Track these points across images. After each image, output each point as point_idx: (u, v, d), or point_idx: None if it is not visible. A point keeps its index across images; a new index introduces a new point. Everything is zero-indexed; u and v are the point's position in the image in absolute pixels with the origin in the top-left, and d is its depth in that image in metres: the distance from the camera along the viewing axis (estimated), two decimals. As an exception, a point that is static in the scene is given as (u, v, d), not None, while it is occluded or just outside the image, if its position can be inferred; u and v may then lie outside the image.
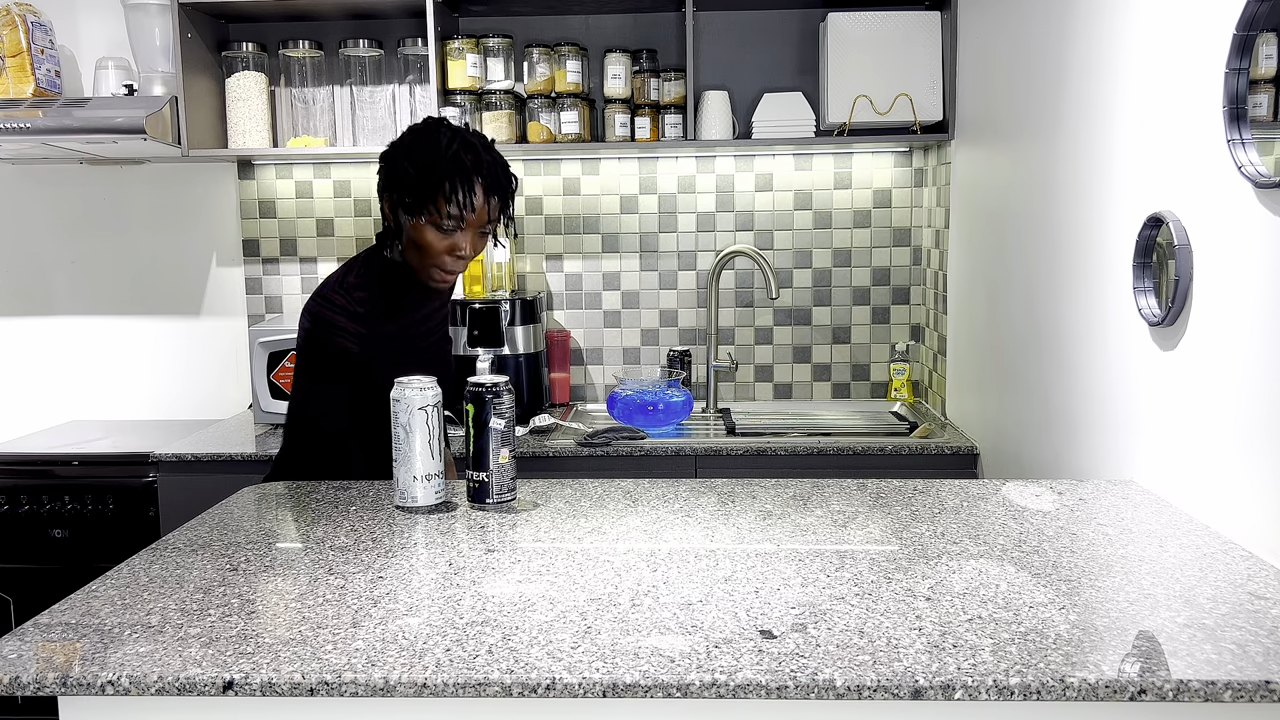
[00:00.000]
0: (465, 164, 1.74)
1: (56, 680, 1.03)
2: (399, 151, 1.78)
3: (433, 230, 1.76)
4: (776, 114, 2.88)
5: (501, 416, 1.57)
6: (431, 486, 1.59)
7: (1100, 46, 1.82)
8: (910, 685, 0.99)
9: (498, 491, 1.59)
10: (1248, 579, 1.24)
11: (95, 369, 3.22)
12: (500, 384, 1.58)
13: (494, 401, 1.57)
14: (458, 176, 1.73)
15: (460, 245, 1.78)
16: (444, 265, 1.80)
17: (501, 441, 1.57)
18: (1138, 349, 1.68)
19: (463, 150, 1.74)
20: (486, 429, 1.57)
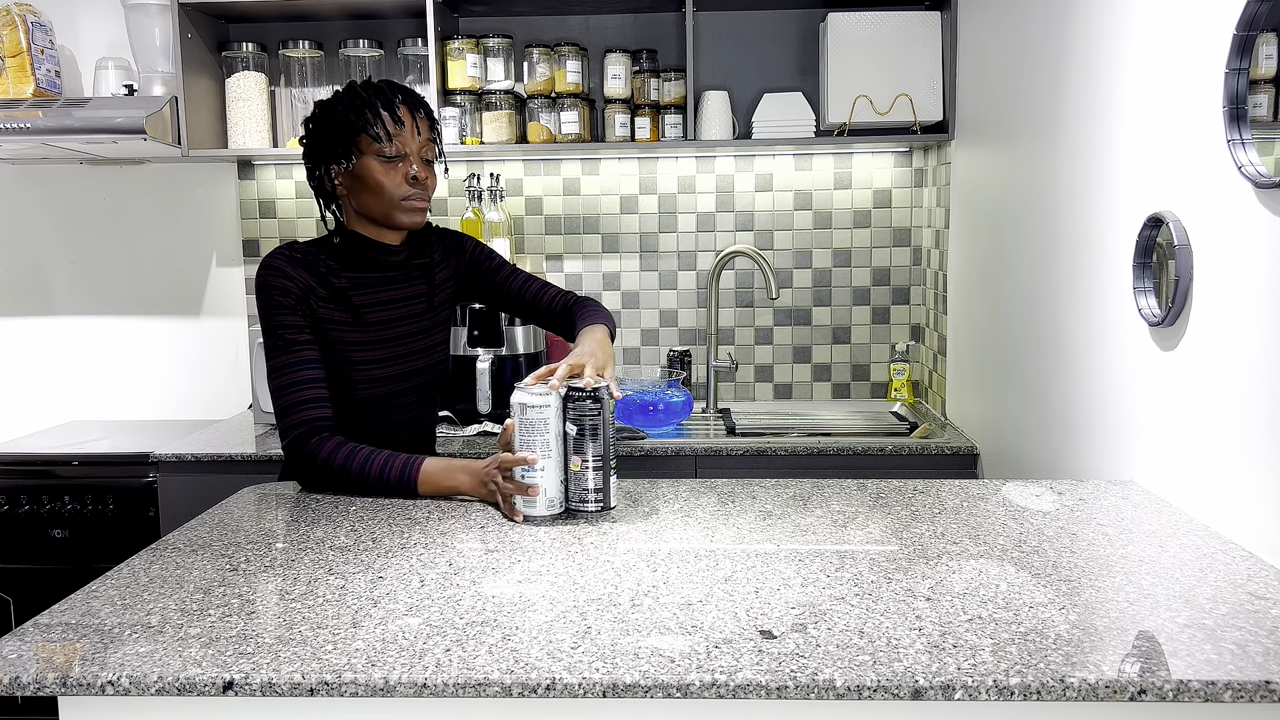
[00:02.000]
0: (379, 87, 1.80)
1: (56, 680, 1.03)
2: (316, 114, 1.83)
3: (377, 162, 1.76)
4: (776, 114, 2.88)
5: (576, 423, 1.52)
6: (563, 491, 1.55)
7: (1100, 46, 1.82)
8: (910, 685, 0.99)
9: (573, 499, 1.54)
10: (1248, 579, 1.24)
11: (95, 369, 3.23)
12: (578, 390, 1.53)
13: (571, 406, 1.53)
14: (375, 99, 1.77)
15: (409, 168, 1.78)
16: (405, 194, 1.77)
17: (574, 448, 1.53)
18: (1138, 349, 1.68)
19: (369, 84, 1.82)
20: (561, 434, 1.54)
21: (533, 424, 1.53)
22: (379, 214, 1.80)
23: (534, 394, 1.53)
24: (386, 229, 1.84)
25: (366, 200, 1.79)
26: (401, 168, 1.77)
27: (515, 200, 3.14)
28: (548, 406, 1.53)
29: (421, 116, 1.80)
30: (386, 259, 1.85)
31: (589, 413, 1.52)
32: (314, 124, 1.82)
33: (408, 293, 1.88)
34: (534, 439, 1.53)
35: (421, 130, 1.79)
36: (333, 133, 1.78)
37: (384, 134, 1.75)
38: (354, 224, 1.84)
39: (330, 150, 1.79)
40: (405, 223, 1.80)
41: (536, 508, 1.53)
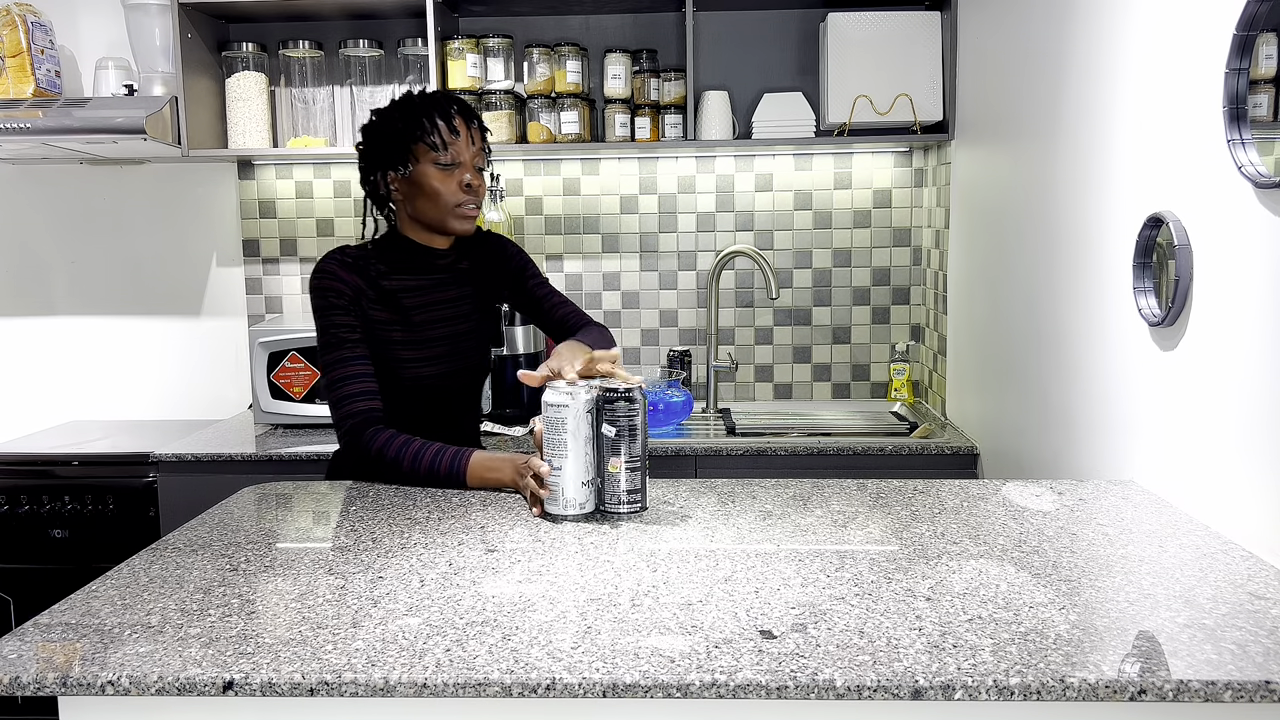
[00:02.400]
0: (436, 98, 1.87)
1: (56, 680, 1.03)
2: (374, 122, 1.89)
3: (433, 169, 1.83)
4: (776, 114, 2.88)
5: (613, 424, 1.50)
6: (590, 492, 1.54)
7: (1100, 46, 1.82)
8: (910, 685, 0.99)
9: (608, 501, 1.53)
10: (1248, 579, 1.24)
11: (95, 369, 3.23)
12: (615, 390, 1.51)
13: (606, 408, 1.51)
14: (433, 109, 1.84)
15: (464, 176, 1.85)
16: (460, 200, 1.85)
17: (612, 450, 1.51)
18: (1138, 349, 1.68)
19: (425, 95, 1.89)
20: (598, 435, 1.53)
21: (550, 422, 1.53)
22: (434, 220, 1.87)
23: (556, 391, 1.53)
24: (437, 234, 1.91)
25: (422, 206, 1.86)
26: (456, 175, 1.84)
27: (515, 200, 3.13)
28: (565, 405, 1.52)
29: (475, 127, 1.87)
30: (434, 262, 1.93)
31: (626, 413, 1.51)
32: (371, 131, 1.88)
33: (454, 295, 1.96)
34: (553, 436, 1.53)
35: (475, 140, 1.87)
36: (390, 140, 1.85)
37: (440, 143, 1.82)
38: (405, 228, 1.91)
39: (387, 156, 1.85)
40: (458, 229, 1.88)
41: (556, 506, 1.53)
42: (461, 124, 1.84)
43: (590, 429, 1.53)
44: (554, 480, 1.53)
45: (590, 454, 1.53)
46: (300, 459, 2.55)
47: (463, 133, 1.84)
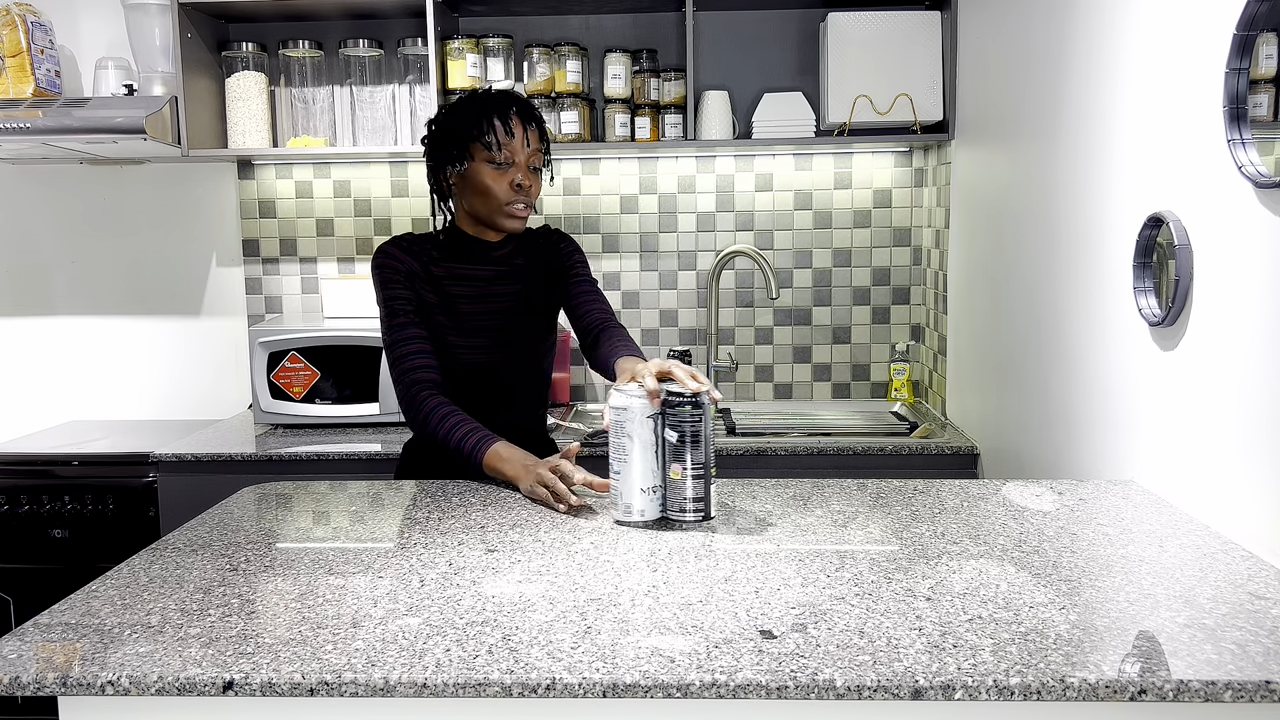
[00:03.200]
0: (495, 98, 1.91)
1: (56, 680, 1.03)
2: (438, 117, 1.95)
3: (487, 168, 1.88)
4: (776, 114, 2.88)
5: (676, 429, 1.47)
6: (654, 499, 1.50)
7: (1100, 46, 1.82)
8: (910, 685, 0.99)
9: (671, 508, 1.50)
10: (1248, 579, 1.24)
11: (95, 369, 3.22)
12: (680, 395, 1.47)
13: (669, 412, 1.48)
14: (491, 109, 1.88)
15: (516, 176, 1.88)
16: (511, 199, 1.88)
17: (674, 456, 1.48)
18: (1138, 349, 1.68)
19: (488, 94, 1.93)
20: (660, 440, 1.50)
21: (614, 424, 1.50)
22: (485, 216, 1.92)
23: (619, 394, 1.50)
24: (489, 229, 1.96)
25: (474, 202, 1.91)
26: (509, 174, 1.88)
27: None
28: (625, 409, 1.49)
29: (533, 128, 1.91)
30: (487, 255, 1.98)
31: (689, 419, 1.47)
32: (435, 126, 1.94)
33: (502, 290, 1.98)
34: (616, 440, 1.50)
35: (531, 141, 1.90)
36: (449, 136, 1.90)
37: (495, 142, 1.86)
38: (461, 221, 1.98)
39: (446, 152, 1.91)
40: (507, 227, 1.92)
41: (617, 511, 1.51)
42: (518, 124, 1.88)
43: (654, 434, 1.49)
44: (616, 485, 1.51)
45: (654, 460, 1.50)
46: (300, 459, 2.55)
47: (518, 133, 1.88)
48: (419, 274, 1.93)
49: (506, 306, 1.98)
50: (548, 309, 2.04)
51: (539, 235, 2.06)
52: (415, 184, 3.14)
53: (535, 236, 2.06)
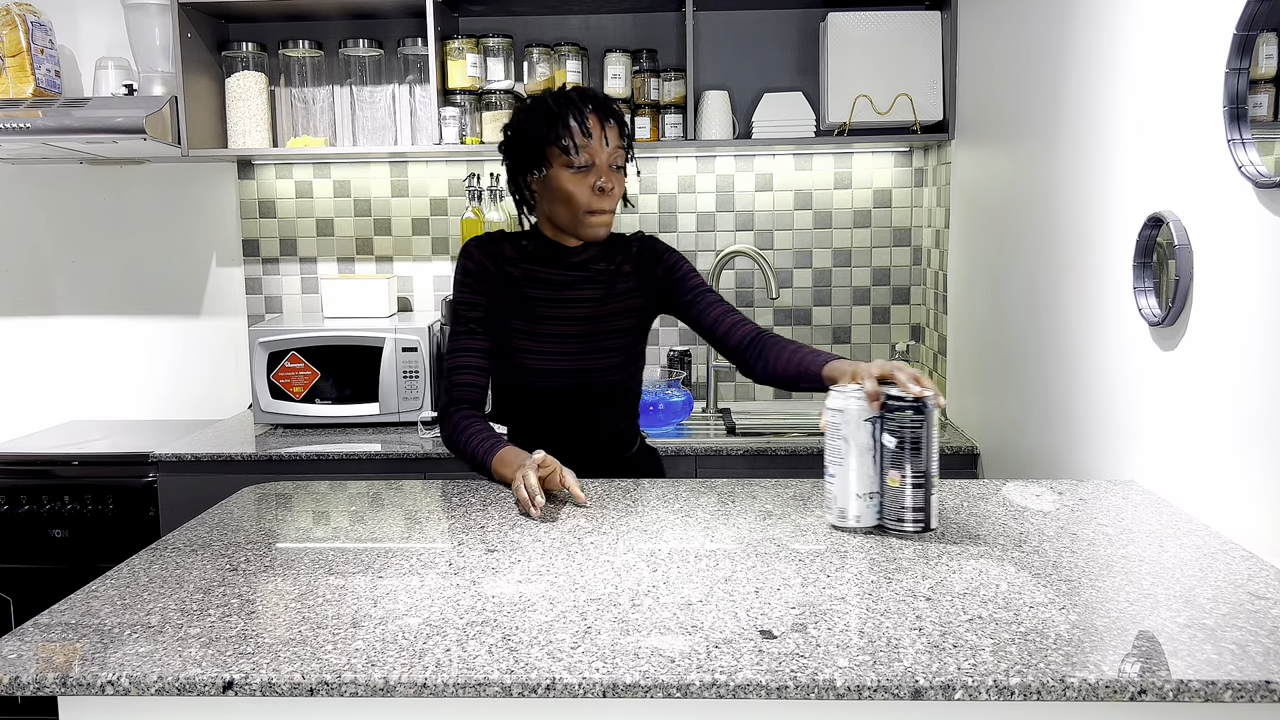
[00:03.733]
0: (569, 96, 1.81)
1: (56, 680, 1.03)
2: (511, 122, 1.85)
3: (566, 173, 1.78)
4: (776, 114, 2.88)
5: (895, 435, 1.40)
6: (871, 506, 1.45)
7: (1100, 46, 1.82)
8: (910, 685, 0.99)
9: (888, 517, 1.44)
10: (1248, 579, 1.24)
11: (95, 369, 3.22)
12: (901, 399, 1.40)
13: (888, 417, 1.41)
14: (565, 109, 1.78)
15: (597, 179, 1.78)
16: (591, 205, 1.78)
17: (891, 462, 1.41)
18: (1138, 349, 1.68)
19: (562, 93, 1.82)
20: (878, 445, 1.44)
21: (830, 427, 1.46)
22: (566, 224, 1.82)
23: (837, 395, 1.46)
24: (570, 236, 1.86)
25: (555, 210, 1.82)
26: (590, 177, 1.78)
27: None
28: (841, 411, 1.44)
29: (611, 125, 1.80)
30: (565, 260, 1.88)
31: (910, 424, 1.40)
32: (510, 131, 1.85)
33: (580, 295, 1.88)
34: (831, 443, 1.46)
35: (610, 139, 1.79)
36: (524, 142, 1.81)
37: (572, 145, 1.76)
38: (543, 225, 1.88)
39: (523, 159, 1.82)
40: (588, 235, 1.82)
41: (832, 515, 1.47)
42: (595, 123, 1.77)
43: (872, 439, 1.44)
44: (830, 490, 1.47)
45: (872, 465, 1.44)
46: (300, 459, 2.55)
47: (596, 133, 1.77)
48: (493, 275, 1.87)
49: (584, 312, 1.88)
50: (636, 318, 1.91)
51: (630, 242, 1.93)
52: (415, 184, 3.14)
53: (625, 243, 1.93)
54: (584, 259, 1.89)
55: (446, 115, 2.82)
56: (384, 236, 3.16)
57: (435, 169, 3.13)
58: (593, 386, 1.89)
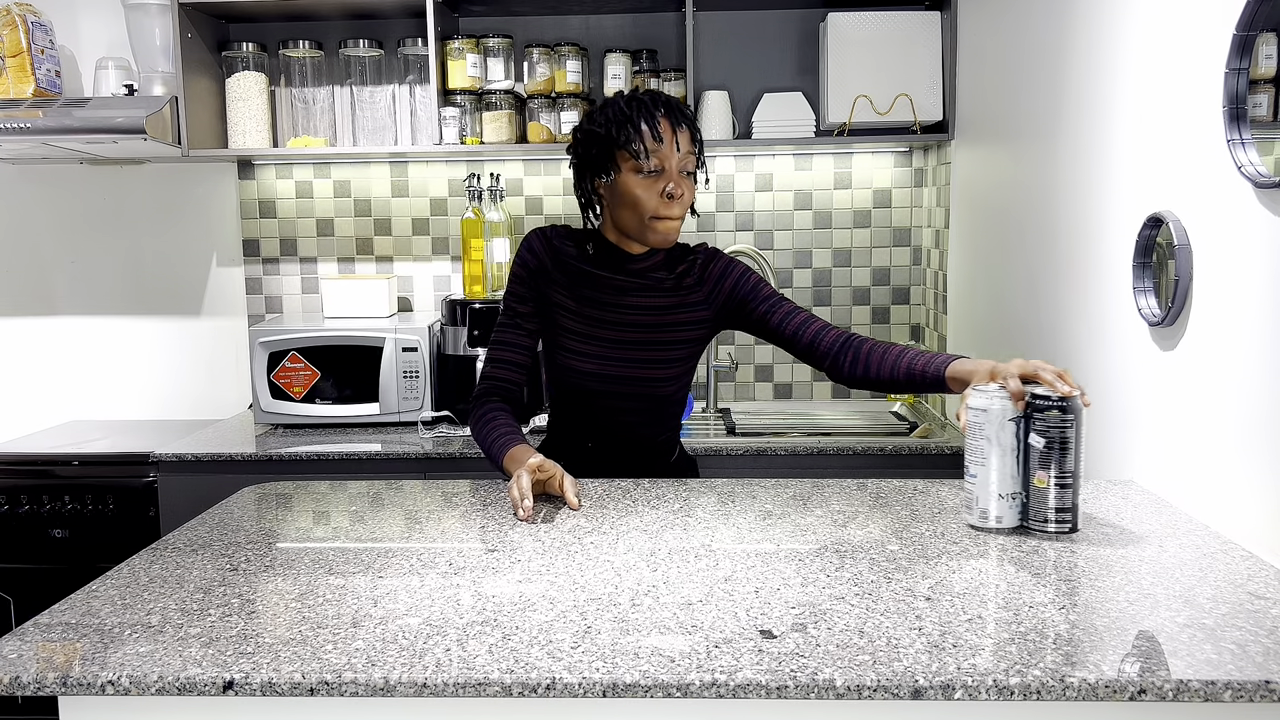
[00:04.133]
0: (641, 100, 1.77)
1: (56, 680, 1.03)
2: (582, 126, 1.83)
3: (635, 178, 1.75)
4: (776, 114, 2.88)
5: (1043, 434, 1.39)
6: (1013, 507, 1.44)
7: (1100, 46, 1.82)
8: (910, 685, 0.99)
9: (1033, 518, 1.43)
10: (1248, 579, 1.25)
11: (95, 369, 3.22)
12: (1047, 398, 1.39)
13: (1036, 416, 1.40)
14: (636, 113, 1.75)
15: (666, 185, 1.75)
16: (659, 211, 1.75)
17: (1040, 463, 1.40)
18: (1138, 349, 1.68)
19: (634, 96, 1.79)
20: (1024, 445, 1.42)
21: (972, 426, 1.44)
22: (633, 229, 1.79)
23: (979, 394, 1.44)
24: (634, 242, 1.83)
25: (623, 215, 1.79)
26: (659, 183, 1.75)
27: (515, 200, 3.13)
28: (984, 410, 1.43)
29: (683, 130, 1.77)
30: (626, 265, 1.84)
31: (1057, 424, 1.38)
32: (580, 134, 1.82)
33: (639, 302, 1.84)
34: (973, 443, 1.44)
35: (682, 144, 1.76)
36: (594, 145, 1.79)
37: (642, 150, 1.73)
38: (607, 229, 1.85)
39: (592, 163, 1.80)
40: (654, 242, 1.79)
41: (972, 516, 1.46)
42: (667, 128, 1.74)
43: (1015, 438, 1.42)
44: (971, 490, 1.46)
45: (1015, 465, 1.43)
46: (300, 459, 2.55)
47: (667, 137, 1.74)
48: (548, 271, 1.85)
49: (643, 320, 1.84)
50: (697, 330, 1.87)
51: (695, 254, 1.88)
52: (415, 184, 3.14)
53: (689, 254, 1.88)
54: (645, 267, 1.85)
55: (446, 115, 2.82)
56: (384, 236, 3.16)
57: (435, 169, 3.13)
58: (641, 395, 1.86)
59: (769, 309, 1.84)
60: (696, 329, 1.87)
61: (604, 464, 1.88)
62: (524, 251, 1.87)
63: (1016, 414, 1.42)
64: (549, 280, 1.85)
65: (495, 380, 1.86)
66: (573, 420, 1.91)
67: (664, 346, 1.85)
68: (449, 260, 3.17)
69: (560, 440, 1.94)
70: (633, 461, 1.90)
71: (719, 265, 1.87)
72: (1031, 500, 1.43)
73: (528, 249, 1.87)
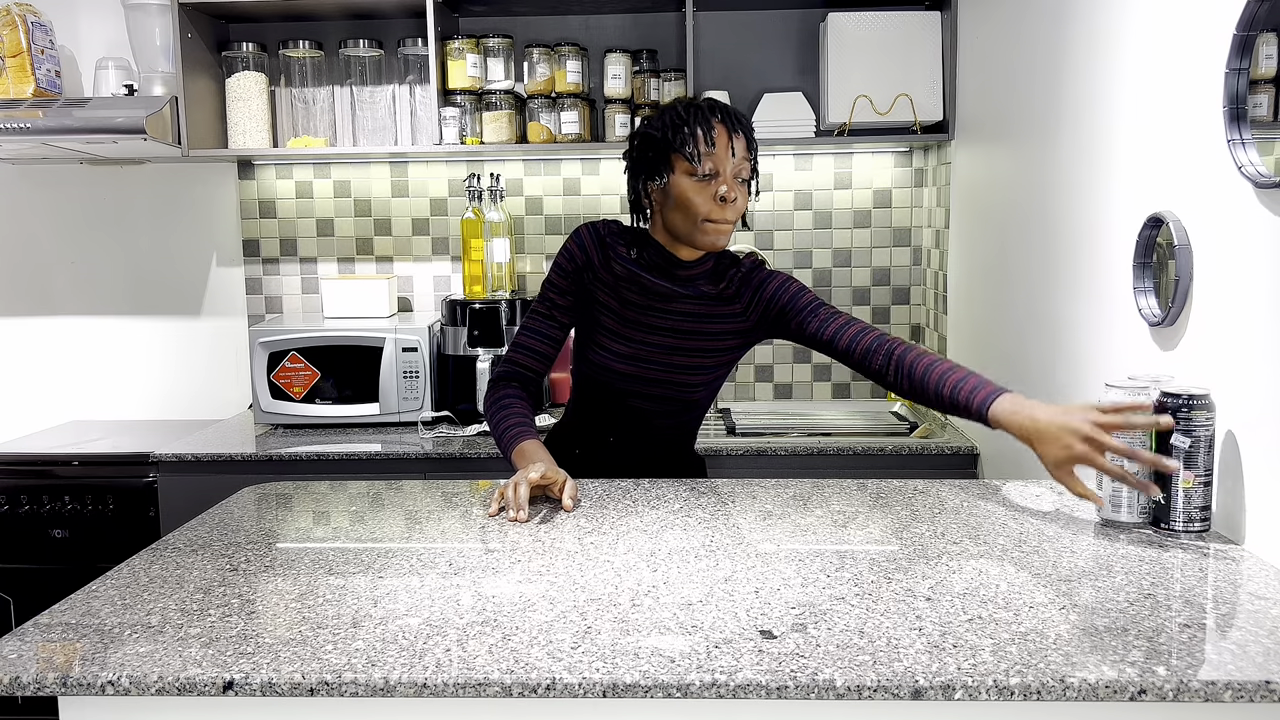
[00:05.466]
0: (699, 105, 1.78)
1: (56, 680, 1.03)
2: (640, 129, 1.83)
3: (688, 180, 1.75)
4: (776, 114, 2.88)
5: (1187, 434, 1.39)
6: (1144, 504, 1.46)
7: (1100, 46, 1.82)
8: (910, 685, 0.99)
9: (1170, 515, 1.42)
10: (1248, 579, 1.25)
11: (95, 369, 3.22)
12: (1188, 396, 1.39)
13: (1180, 416, 1.39)
14: (692, 117, 1.76)
15: (720, 189, 1.74)
16: (712, 215, 1.75)
17: (1186, 463, 1.40)
18: (1138, 349, 1.68)
19: (693, 101, 1.80)
20: (1167, 444, 1.42)
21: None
22: (683, 232, 1.78)
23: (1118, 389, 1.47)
24: (685, 245, 1.83)
25: (673, 216, 1.79)
26: (712, 186, 1.75)
27: (515, 200, 3.13)
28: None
29: (739, 136, 1.77)
30: (673, 270, 1.84)
31: (1203, 423, 1.39)
32: (636, 139, 1.83)
33: (682, 309, 1.85)
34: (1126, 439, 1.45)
35: (737, 150, 1.76)
36: (650, 148, 1.79)
37: (696, 153, 1.74)
38: (656, 231, 1.85)
39: (647, 165, 1.80)
40: (704, 244, 1.78)
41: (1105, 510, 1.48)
42: (722, 132, 1.74)
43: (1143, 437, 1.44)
44: (1104, 488, 1.47)
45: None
46: (300, 459, 2.55)
47: (722, 142, 1.74)
48: (595, 267, 1.85)
49: (681, 326, 1.85)
50: (735, 339, 1.88)
51: (741, 267, 1.88)
52: (415, 184, 3.14)
53: (735, 266, 1.88)
54: (692, 275, 1.85)
55: (447, 115, 2.82)
56: (384, 236, 3.16)
57: (435, 169, 3.13)
58: (671, 398, 1.87)
59: (806, 317, 1.83)
60: (734, 338, 1.87)
61: (623, 457, 1.91)
62: (572, 244, 1.87)
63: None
64: (594, 277, 1.86)
65: (517, 365, 1.87)
66: (597, 413, 1.91)
67: (700, 354, 1.86)
68: (449, 260, 3.17)
69: (582, 430, 1.95)
70: (651, 456, 1.92)
71: (759, 275, 1.87)
72: (1177, 499, 1.42)
73: (577, 243, 1.86)
